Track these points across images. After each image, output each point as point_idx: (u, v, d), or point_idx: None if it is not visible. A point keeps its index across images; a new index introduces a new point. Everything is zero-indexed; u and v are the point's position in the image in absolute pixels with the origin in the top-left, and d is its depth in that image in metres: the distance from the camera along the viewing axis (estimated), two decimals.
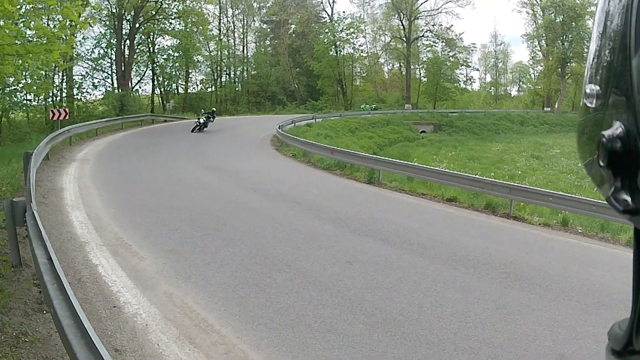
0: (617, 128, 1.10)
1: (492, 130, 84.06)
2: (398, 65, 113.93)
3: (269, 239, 15.06)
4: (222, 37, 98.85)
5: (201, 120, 48.99)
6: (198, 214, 17.64)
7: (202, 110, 54.95)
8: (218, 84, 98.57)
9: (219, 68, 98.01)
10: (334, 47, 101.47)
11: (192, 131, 47.38)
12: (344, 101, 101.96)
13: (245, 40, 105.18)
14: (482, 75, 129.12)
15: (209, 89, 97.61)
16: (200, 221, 16.70)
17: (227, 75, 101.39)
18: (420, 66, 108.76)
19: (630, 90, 1.07)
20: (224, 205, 19.25)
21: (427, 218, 19.15)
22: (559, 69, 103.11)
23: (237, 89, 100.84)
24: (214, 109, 58.27)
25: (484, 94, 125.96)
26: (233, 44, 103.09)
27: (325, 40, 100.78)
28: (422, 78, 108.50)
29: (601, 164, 1.14)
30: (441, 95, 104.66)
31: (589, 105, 1.27)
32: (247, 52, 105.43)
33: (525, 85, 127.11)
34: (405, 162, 30.09)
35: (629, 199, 1.09)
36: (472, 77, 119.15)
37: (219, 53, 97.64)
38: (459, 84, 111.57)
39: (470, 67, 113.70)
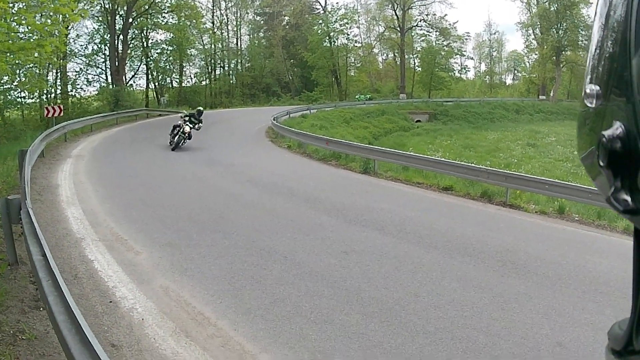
0: (617, 128, 1.10)
1: (488, 119, 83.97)
2: (392, 55, 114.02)
3: (265, 231, 15.10)
4: (215, 30, 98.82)
5: (186, 129, 32.92)
6: (194, 207, 17.69)
7: (184, 113, 36.31)
8: (212, 77, 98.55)
9: (213, 61, 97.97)
10: (327, 38, 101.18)
11: (174, 149, 32.00)
12: (338, 92, 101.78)
13: (238, 32, 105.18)
14: (477, 64, 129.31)
15: (204, 82, 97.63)
16: (196, 214, 16.74)
17: (221, 68, 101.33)
18: (415, 56, 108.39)
19: (630, 90, 1.07)
20: (219, 198, 19.33)
21: (423, 207, 19.22)
22: (554, 57, 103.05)
23: (231, 81, 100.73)
24: (201, 107, 39.63)
25: (479, 83, 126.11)
26: (227, 36, 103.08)
27: (319, 32, 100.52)
28: (416, 67, 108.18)
29: (601, 164, 1.15)
30: (436, 84, 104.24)
31: (589, 105, 1.27)
32: (240, 45, 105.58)
33: (520, 74, 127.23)
34: (401, 151, 30.46)
35: (629, 199, 1.09)
36: (466, 66, 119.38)
37: (213, 46, 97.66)
38: (454, 73, 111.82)
39: (464, 56, 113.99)
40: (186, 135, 33.20)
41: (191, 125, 33.98)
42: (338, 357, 8.15)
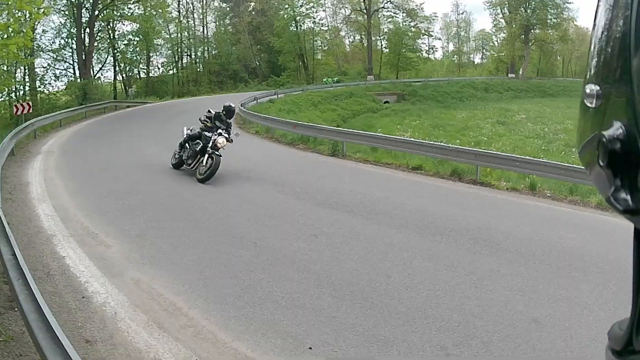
0: (617, 128, 1.11)
1: (456, 98, 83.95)
2: (359, 37, 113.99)
3: (235, 218, 15.21)
4: (181, 18, 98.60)
5: (219, 142, 20.39)
6: (163, 196, 17.76)
7: (209, 112, 22.56)
8: (179, 65, 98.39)
9: (179, 50, 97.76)
10: (294, 22, 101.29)
11: (205, 181, 19.82)
12: (305, 76, 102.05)
13: (204, 20, 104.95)
14: (445, 44, 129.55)
15: (171, 72, 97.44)
16: (166, 204, 16.81)
17: (188, 57, 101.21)
18: (382, 37, 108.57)
19: (630, 90, 1.08)
20: (188, 186, 19.36)
21: (392, 187, 19.44)
22: (523, 36, 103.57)
23: (198, 69, 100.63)
24: (231, 104, 23.40)
25: (447, 63, 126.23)
26: (193, 24, 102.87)
27: (285, 16, 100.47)
28: (383, 49, 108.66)
29: (601, 163, 1.16)
30: (404, 65, 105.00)
31: (589, 105, 1.28)
32: (207, 32, 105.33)
33: (488, 53, 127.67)
34: (369, 132, 30.88)
35: (628, 198, 1.10)
36: (434, 46, 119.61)
37: (179, 35, 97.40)
38: (421, 54, 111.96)
39: (432, 36, 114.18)
40: (217, 151, 20.31)
41: (226, 136, 20.97)
42: (310, 341, 8.18)
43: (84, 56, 71.74)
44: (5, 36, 30.60)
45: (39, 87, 69.60)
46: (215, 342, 8.33)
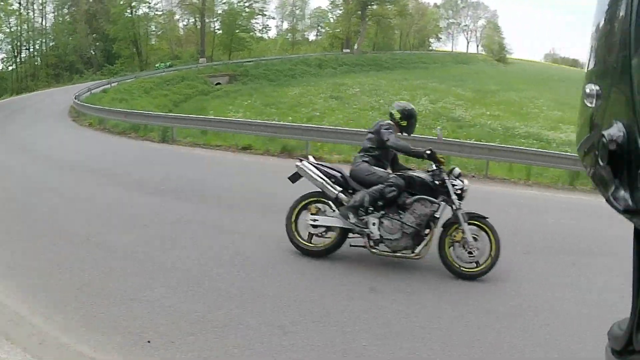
0: (617, 128, 1.14)
1: (289, 76, 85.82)
2: (193, 20, 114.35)
3: (68, 215, 14.85)
4: (22, 10, 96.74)
5: (465, 188, 10.60)
6: None
7: (389, 125, 11.50)
8: (19, 60, 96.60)
9: (19, 44, 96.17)
10: (129, 8, 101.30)
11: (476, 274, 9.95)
12: (139, 62, 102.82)
13: (44, 11, 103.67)
14: (279, 23, 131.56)
15: (10, 67, 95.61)
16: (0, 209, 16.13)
17: (27, 51, 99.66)
18: (216, 19, 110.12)
19: (630, 90, 1.11)
20: (22, 186, 18.76)
21: (220, 169, 20.15)
22: (359, 12, 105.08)
23: (36, 63, 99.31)
24: (412, 106, 12.09)
25: (281, 41, 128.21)
26: (32, 16, 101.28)
27: (122, 2, 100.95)
28: (217, 31, 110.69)
29: (601, 163, 1.19)
30: (236, 46, 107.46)
31: (589, 105, 1.32)
32: (45, 24, 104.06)
33: (323, 30, 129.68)
34: (197, 115, 31.72)
35: (628, 197, 1.13)
36: (267, 25, 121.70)
37: (19, 28, 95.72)
38: (255, 34, 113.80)
39: (266, 15, 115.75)
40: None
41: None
42: (148, 334, 8.03)
43: None
44: None
45: None
46: (60, 347, 7.99)
